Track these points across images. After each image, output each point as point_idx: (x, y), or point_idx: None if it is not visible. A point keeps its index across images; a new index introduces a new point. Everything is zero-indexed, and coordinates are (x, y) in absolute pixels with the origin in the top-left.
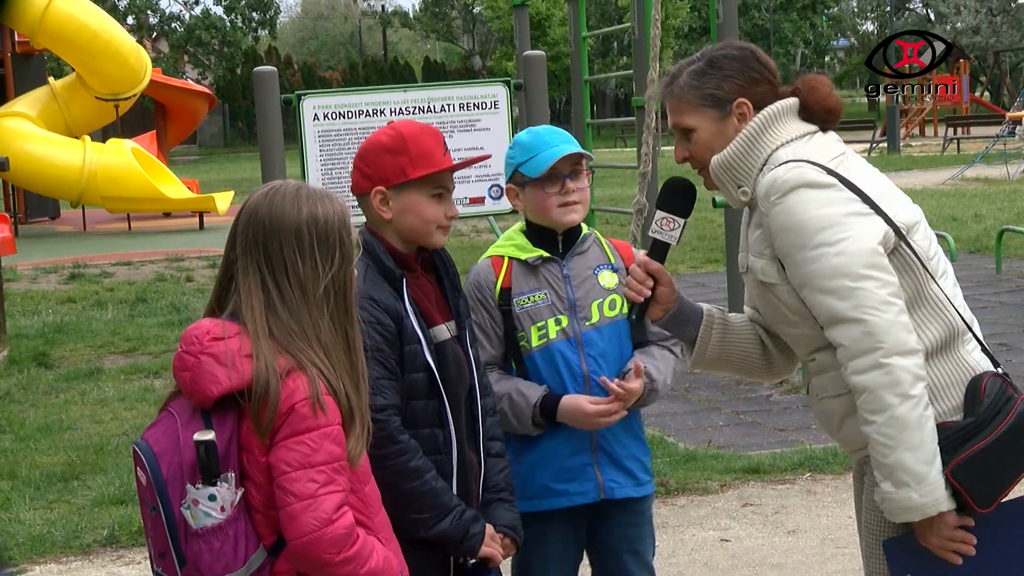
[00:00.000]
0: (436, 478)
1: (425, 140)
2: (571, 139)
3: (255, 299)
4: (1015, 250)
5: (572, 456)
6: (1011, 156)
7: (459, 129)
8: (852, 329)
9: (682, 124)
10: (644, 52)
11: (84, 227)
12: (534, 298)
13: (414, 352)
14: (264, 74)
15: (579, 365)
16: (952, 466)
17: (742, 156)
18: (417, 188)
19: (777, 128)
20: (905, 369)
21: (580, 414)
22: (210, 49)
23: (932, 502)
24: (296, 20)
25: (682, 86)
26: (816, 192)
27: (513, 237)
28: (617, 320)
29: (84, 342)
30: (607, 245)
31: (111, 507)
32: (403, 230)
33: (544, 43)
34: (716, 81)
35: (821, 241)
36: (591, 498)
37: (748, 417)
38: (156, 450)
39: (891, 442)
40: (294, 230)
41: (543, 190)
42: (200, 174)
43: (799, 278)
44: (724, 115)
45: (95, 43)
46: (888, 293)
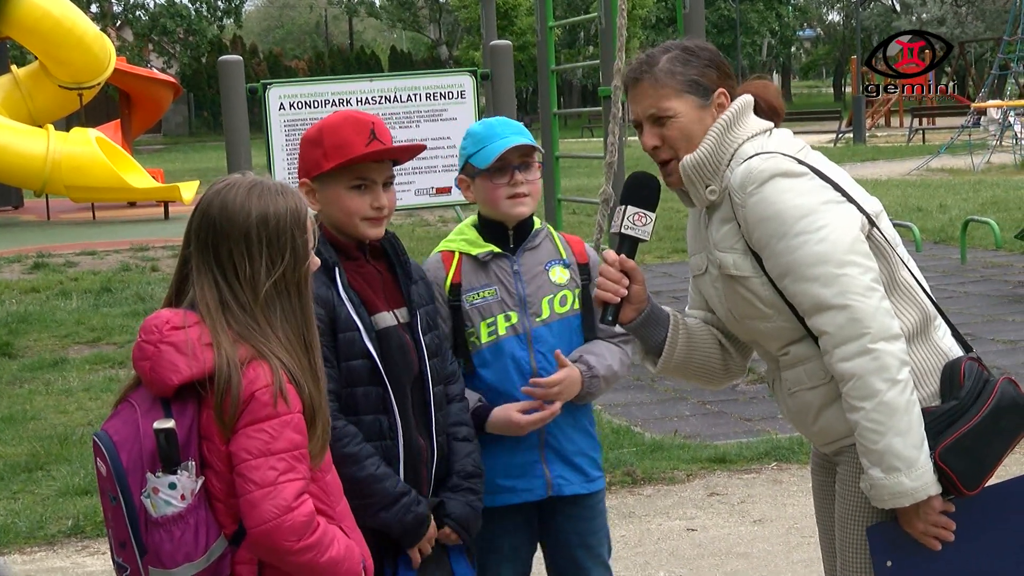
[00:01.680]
0: (377, 464)
1: (343, 131)
2: (523, 131)
3: (209, 297)
4: (979, 240)
5: (520, 453)
6: (976, 147)
7: (425, 119)
8: (838, 316)
9: (662, 110)
10: (611, 42)
11: (48, 216)
12: (484, 294)
13: (350, 339)
14: (229, 63)
15: (528, 362)
16: (940, 449)
17: (713, 153)
18: (334, 180)
19: (743, 123)
20: (891, 354)
21: (513, 426)
22: (175, 38)
23: (922, 486)
24: (261, 9)
25: (663, 71)
26: (792, 181)
27: (464, 232)
28: (567, 316)
29: (48, 332)
30: (559, 240)
31: (76, 497)
32: (331, 221)
33: (511, 33)
34: (699, 68)
35: (802, 229)
36: (539, 495)
37: (714, 407)
38: (116, 440)
39: (881, 428)
40: (243, 232)
41: (492, 181)
42: (165, 163)
43: (780, 267)
44: (706, 104)
45: (58, 31)
46: (871, 279)
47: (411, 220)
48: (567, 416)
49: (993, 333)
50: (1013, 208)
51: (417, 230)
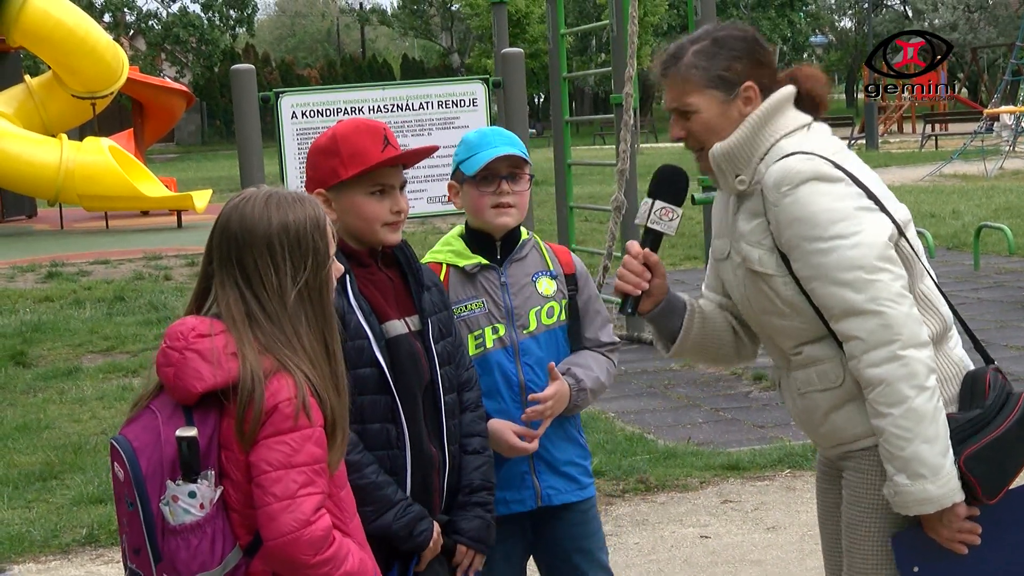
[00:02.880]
0: (377, 472)
1: (358, 138)
2: (516, 142)
3: (235, 311)
4: (993, 246)
5: (510, 465)
6: (989, 153)
7: (437, 127)
8: (869, 321)
9: (684, 105)
10: (623, 49)
11: (61, 225)
12: (471, 306)
13: (360, 348)
14: (242, 72)
15: (516, 374)
16: (965, 456)
17: (745, 144)
18: (353, 187)
19: (780, 117)
20: (921, 361)
21: (504, 445)
22: (188, 47)
23: (947, 493)
24: (274, 18)
25: (687, 65)
26: (828, 185)
27: (451, 243)
28: (554, 328)
29: (62, 341)
30: (546, 251)
31: (90, 506)
32: (350, 230)
33: (523, 40)
34: (726, 62)
35: (836, 233)
36: (529, 506)
37: (728, 414)
38: (136, 446)
39: (908, 434)
40: (266, 241)
41: (477, 189)
42: (178, 172)
43: (809, 269)
44: (731, 98)
45: (71, 41)
46: (901, 286)
47: (424, 228)
48: (555, 427)
49: (1006, 339)
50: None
51: (430, 238)
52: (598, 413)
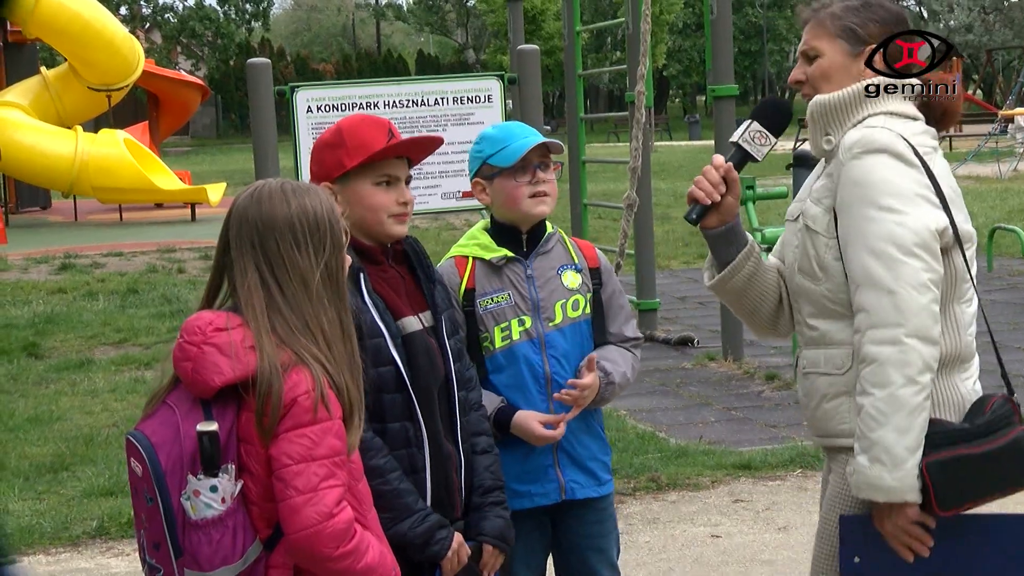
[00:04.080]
0: (400, 479)
1: (363, 131)
2: (539, 133)
3: (255, 298)
4: (1007, 248)
5: (534, 458)
6: (1003, 154)
7: (452, 123)
8: (882, 298)
9: (811, 47)
10: (637, 47)
11: (75, 217)
12: (498, 299)
13: (377, 346)
14: (257, 66)
15: (541, 366)
16: (929, 459)
17: (846, 105)
18: (358, 178)
19: (893, 97)
20: (920, 354)
21: (530, 435)
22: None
23: (901, 487)
24: (289, 12)
25: (829, 13)
26: (898, 163)
27: (477, 236)
28: (579, 321)
29: (75, 333)
30: (571, 245)
31: (100, 498)
32: (356, 222)
33: (538, 37)
34: (862, 19)
35: (887, 206)
36: (553, 499)
37: (739, 413)
38: (154, 441)
39: (881, 418)
40: (288, 224)
41: (514, 179)
42: (192, 165)
43: (850, 232)
44: (855, 53)
45: (87, 33)
46: (929, 278)
47: (437, 224)
48: (580, 421)
49: (1019, 341)
50: None
51: (443, 234)
52: (610, 411)
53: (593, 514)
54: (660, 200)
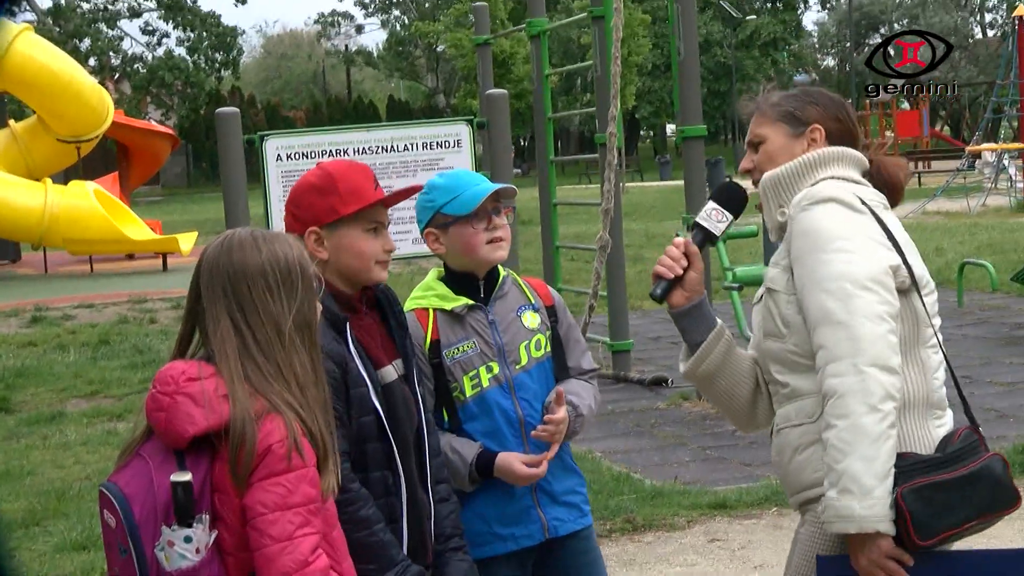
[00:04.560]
0: (385, 530)
1: (354, 177)
2: (486, 179)
3: (228, 346)
4: (976, 283)
5: (514, 500)
6: (971, 190)
7: (422, 168)
8: (838, 331)
9: (755, 135)
10: (607, 89)
11: (45, 269)
12: (463, 347)
13: (361, 395)
14: (226, 115)
15: (514, 411)
16: (904, 488)
17: (794, 177)
18: (350, 225)
19: (836, 165)
20: (879, 382)
21: (513, 476)
22: (173, 90)
23: (871, 516)
24: (259, 60)
25: (770, 103)
26: (846, 210)
27: (433, 287)
28: (543, 360)
29: (46, 386)
30: (524, 285)
31: (73, 553)
32: (341, 269)
33: (508, 81)
34: (801, 104)
35: (838, 248)
36: (537, 539)
37: (714, 452)
38: (127, 492)
39: (846, 447)
40: (259, 271)
41: (471, 227)
42: (163, 215)
43: (804, 279)
44: (797, 134)
45: (56, 85)
46: (885, 310)
47: (409, 268)
48: (554, 458)
49: (991, 375)
50: (1009, 250)
51: (416, 278)
52: (585, 452)
53: (579, 544)
54: (632, 241)
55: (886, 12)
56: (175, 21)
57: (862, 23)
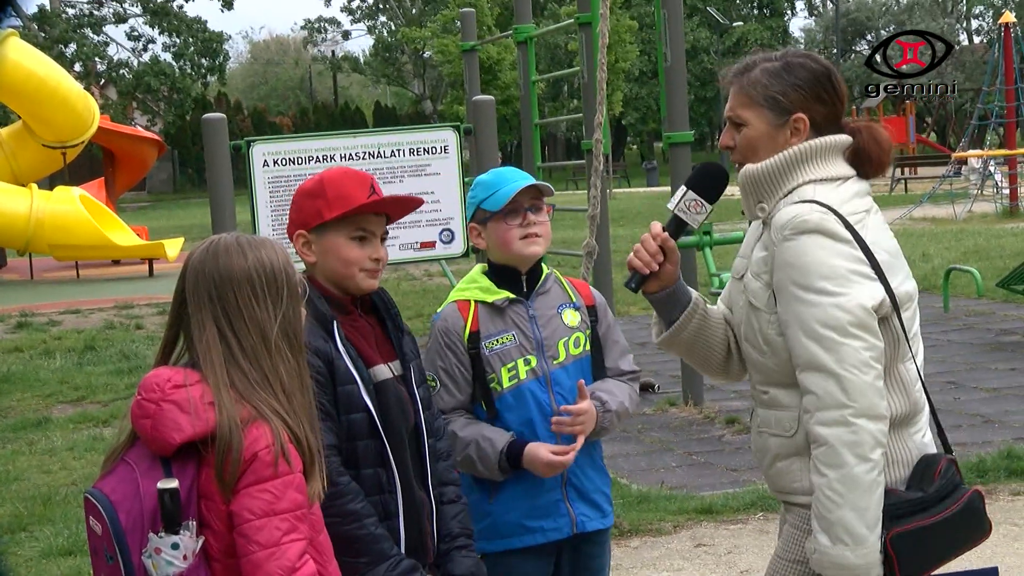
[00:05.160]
0: (376, 524)
1: (345, 183)
2: (530, 176)
3: (214, 352)
4: (962, 289)
5: (544, 494)
6: (958, 196)
7: (409, 174)
8: (827, 381)
9: (737, 116)
10: (593, 95)
11: (31, 275)
12: (502, 339)
13: (349, 392)
14: (213, 121)
15: (549, 404)
16: (893, 534)
17: (775, 175)
18: (335, 230)
19: (818, 162)
20: (870, 432)
21: (539, 462)
22: (159, 96)
23: (865, 565)
24: (246, 66)
25: (752, 80)
26: (830, 241)
27: (476, 280)
28: (581, 358)
29: (32, 391)
30: (567, 284)
31: (59, 558)
32: (328, 273)
33: (495, 87)
34: (784, 86)
35: (822, 288)
36: (565, 533)
37: (701, 458)
38: (113, 499)
39: (840, 499)
40: (245, 277)
41: (505, 222)
42: (150, 221)
43: (788, 315)
44: (780, 123)
45: (42, 91)
46: (871, 356)
47: (396, 275)
48: (584, 454)
49: (976, 381)
50: (995, 257)
51: (403, 284)
52: None
53: (596, 547)
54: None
55: (873, 18)
56: (161, 26)
57: (849, 29)
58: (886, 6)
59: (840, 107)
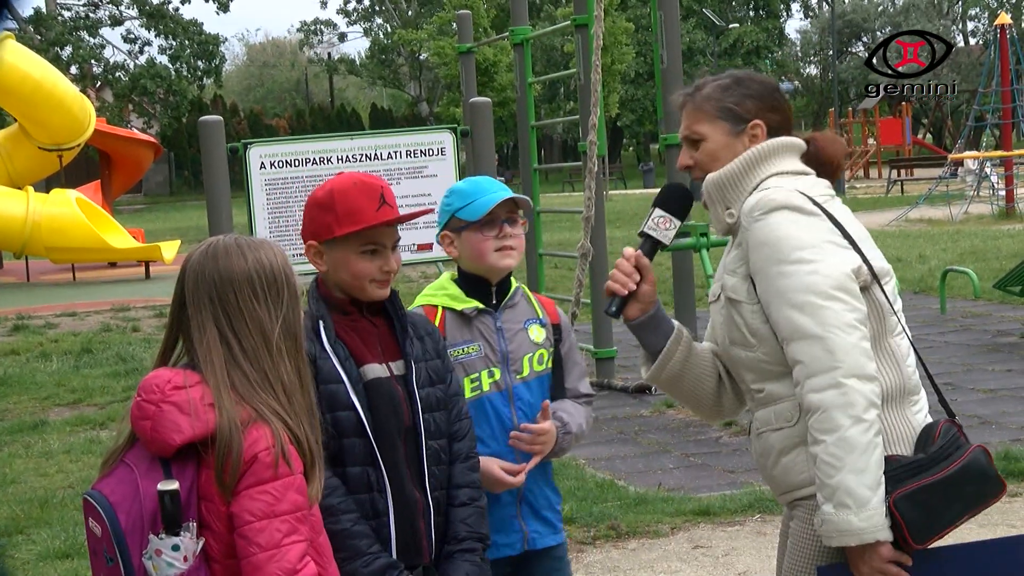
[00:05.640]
0: (353, 521)
1: (355, 196)
2: (508, 189)
3: (214, 354)
4: (959, 290)
5: (499, 508)
6: (954, 197)
7: (406, 176)
8: (813, 346)
9: (694, 132)
10: (589, 97)
11: (28, 278)
12: (468, 349)
13: (334, 391)
14: (210, 123)
15: (510, 418)
16: (896, 496)
17: (738, 177)
18: (345, 244)
19: (777, 159)
20: (861, 392)
21: (491, 478)
22: (155, 98)
23: (870, 527)
24: (242, 68)
25: (704, 96)
26: (798, 215)
27: (445, 286)
28: (543, 375)
29: (28, 394)
30: (534, 300)
31: (56, 561)
32: (339, 283)
33: (491, 89)
34: (738, 97)
35: (798, 259)
36: (516, 549)
37: (698, 459)
38: (113, 500)
39: (837, 463)
40: (246, 278)
41: (481, 233)
42: (146, 223)
43: (769, 293)
44: (738, 131)
45: (38, 94)
46: (854, 317)
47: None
48: (539, 471)
49: (973, 382)
50: (991, 258)
51: (400, 286)
52: (569, 460)
53: (553, 562)
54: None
55: (869, 20)
56: (157, 29)
57: (845, 31)
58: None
59: (790, 118)
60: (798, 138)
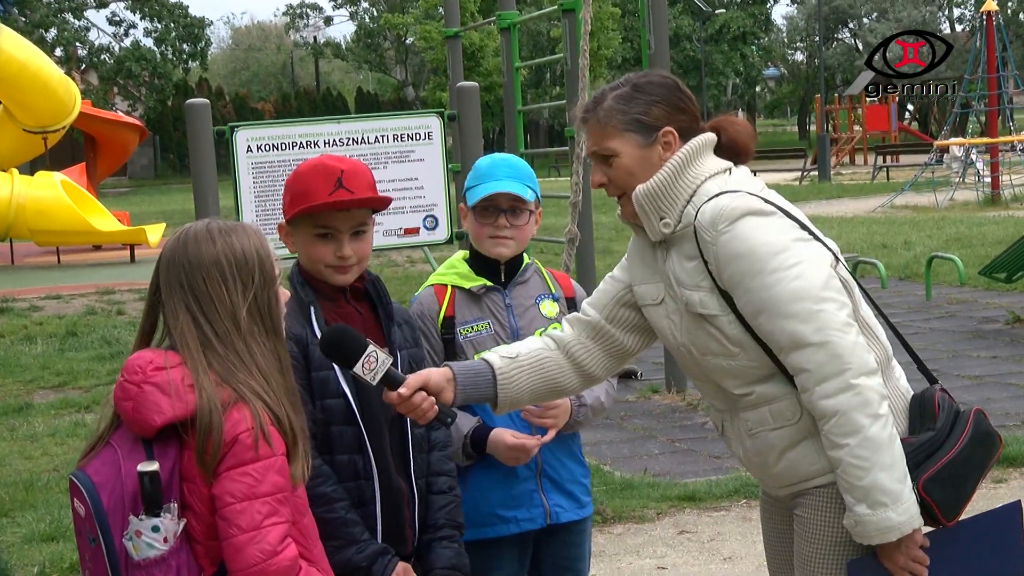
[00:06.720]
0: (347, 508)
1: (311, 179)
2: (520, 175)
3: (189, 338)
4: (944, 276)
5: (518, 483)
6: (939, 184)
7: (393, 160)
8: (817, 353)
9: (603, 149)
10: (576, 82)
11: (12, 261)
12: (477, 327)
13: (325, 378)
14: (196, 107)
15: None
16: (923, 480)
17: (668, 186)
18: (301, 226)
19: (701, 161)
20: (872, 389)
21: (501, 447)
22: (140, 81)
23: (908, 519)
24: (227, 51)
25: (607, 110)
26: (763, 219)
27: (456, 266)
28: None
29: (13, 377)
30: (547, 275)
31: (42, 544)
32: (303, 264)
33: (478, 74)
34: (643, 106)
35: (777, 266)
36: (538, 524)
37: (683, 445)
38: (96, 481)
39: (866, 463)
40: (214, 263)
41: (477, 220)
42: (131, 206)
43: (754, 305)
44: (649, 142)
45: (23, 76)
46: (846, 315)
47: (379, 260)
48: (560, 445)
49: (958, 369)
50: (976, 244)
51: (385, 270)
52: None
53: (574, 536)
54: (601, 234)
55: (855, 6)
56: (142, 12)
57: (831, 17)
58: None
59: (696, 111)
60: (710, 132)
